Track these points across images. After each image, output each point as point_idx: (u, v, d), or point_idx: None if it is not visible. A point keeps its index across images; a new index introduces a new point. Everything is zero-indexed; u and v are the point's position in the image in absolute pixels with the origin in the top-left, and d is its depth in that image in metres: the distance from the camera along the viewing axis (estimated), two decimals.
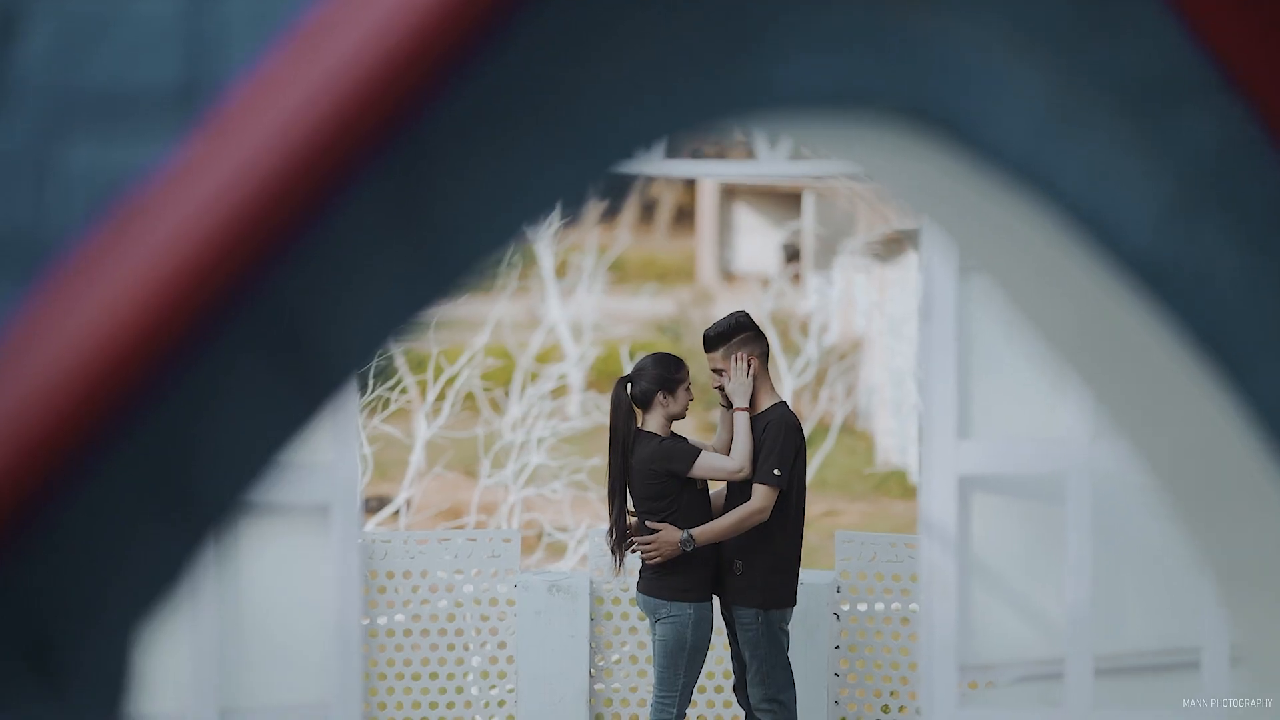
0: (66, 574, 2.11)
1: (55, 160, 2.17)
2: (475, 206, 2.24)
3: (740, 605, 7.97)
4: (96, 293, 1.98)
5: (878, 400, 25.17)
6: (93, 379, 1.95)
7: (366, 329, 2.19)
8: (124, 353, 1.96)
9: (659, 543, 7.91)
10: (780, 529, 7.91)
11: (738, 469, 7.78)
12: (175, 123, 2.18)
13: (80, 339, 1.95)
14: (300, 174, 2.04)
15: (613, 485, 8.05)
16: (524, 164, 2.30)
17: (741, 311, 8.19)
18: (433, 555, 8.90)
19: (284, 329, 2.13)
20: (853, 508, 20.74)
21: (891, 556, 8.84)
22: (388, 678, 8.91)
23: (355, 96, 2.06)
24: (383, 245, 2.16)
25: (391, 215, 2.17)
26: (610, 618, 9.08)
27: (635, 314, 33.15)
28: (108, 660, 2.24)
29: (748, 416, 7.85)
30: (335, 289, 2.15)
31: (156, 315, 1.96)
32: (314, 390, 2.27)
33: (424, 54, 2.11)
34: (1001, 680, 5.28)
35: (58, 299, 2.04)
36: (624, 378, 8.04)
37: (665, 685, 7.97)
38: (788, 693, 8.02)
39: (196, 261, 1.99)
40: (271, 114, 2.06)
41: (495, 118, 2.27)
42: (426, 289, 2.21)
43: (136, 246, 2.02)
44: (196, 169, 2.07)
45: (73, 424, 1.98)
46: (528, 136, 2.30)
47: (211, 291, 2.02)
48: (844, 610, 8.92)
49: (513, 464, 15.22)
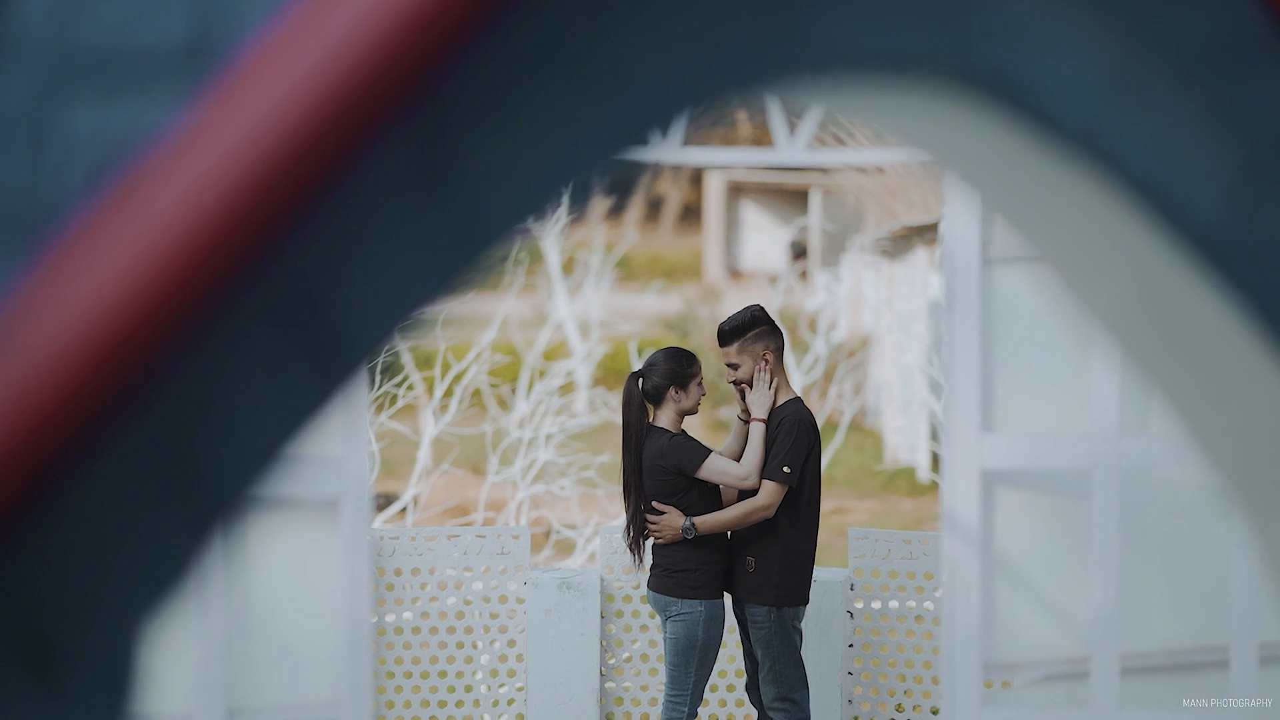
0: (66, 567, 1.98)
1: (54, 122, 2.02)
2: (507, 172, 2.10)
3: (753, 603, 7.93)
4: (98, 264, 1.84)
5: (886, 397, 25.10)
6: (93, 356, 1.81)
7: (389, 304, 2.05)
8: (127, 328, 1.82)
9: (662, 525, 7.90)
10: (793, 526, 7.86)
11: (744, 476, 7.76)
12: (182, 83, 2.04)
13: (80, 313, 1.82)
14: (317, 137, 1.89)
15: (627, 482, 8.02)
16: (559, 127, 2.16)
17: (756, 305, 8.14)
18: (441, 552, 8.86)
19: (300, 304, 2.00)
20: (861, 505, 20.70)
21: (906, 554, 8.82)
22: (396, 676, 8.87)
23: (375, 55, 1.92)
24: (407, 214, 2.02)
25: (416, 182, 2.03)
26: (621, 615, 9.04)
27: (642, 311, 33.16)
28: (110, 660, 2.10)
29: (764, 428, 7.77)
30: (355, 261, 2.01)
31: (162, 288, 1.82)
32: (331, 370, 2.13)
33: (450, 8, 1.97)
34: (1024, 680, 5.20)
35: (56, 270, 1.90)
36: (636, 373, 8.00)
37: (676, 684, 7.92)
38: (801, 691, 7.97)
39: (205, 231, 1.85)
40: (285, 73, 1.92)
41: (529, 78, 2.13)
42: (454, 260, 2.07)
43: (141, 215, 1.88)
44: (205, 132, 1.93)
45: (72, 404, 1.84)
46: (563, 99, 2.16)
47: (221, 263, 1.88)
48: (857, 608, 8.88)
49: (520, 461, 15.14)
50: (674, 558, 7.89)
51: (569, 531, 15.18)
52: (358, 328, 2.08)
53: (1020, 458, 5.08)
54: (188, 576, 2.08)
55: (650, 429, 7.99)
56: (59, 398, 1.83)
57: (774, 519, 7.83)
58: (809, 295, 31.92)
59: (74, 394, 1.83)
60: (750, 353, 7.91)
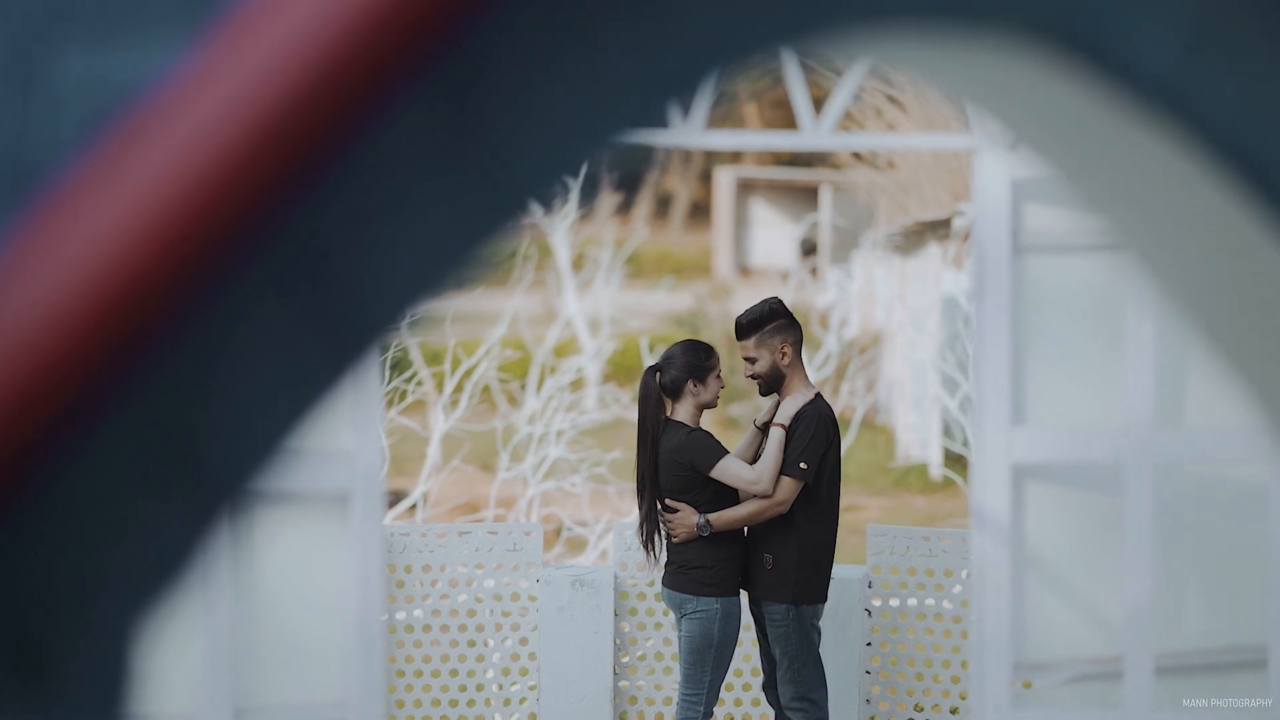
0: (58, 559, 1.81)
1: (43, 70, 1.85)
2: (537, 131, 1.93)
3: (770, 601, 7.84)
4: (89, 223, 1.67)
5: (898, 394, 25.03)
6: (84, 324, 1.64)
7: (408, 271, 1.88)
8: (121, 294, 1.64)
9: (675, 523, 7.84)
10: (810, 522, 7.79)
11: (755, 481, 7.69)
12: (183, 26, 1.86)
13: (71, 276, 1.64)
14: (330, 86, 1.71)
15: (642, 477, 7.96)
16: (594, 84, 1.99)
17: (774, 298, 8.05)
18: (452, 549, 8.79)
19: (311, 271, 1.83)
20: (874, 503, 20.67)
21: (925, 550, 8.76)
22: (406, 674, 8.79)
23: None
24: (427, 172, 1.85)
25: (438, 137, 1.86)
26: (635, 613, 8.95)
27: (652, 308, 33.13)
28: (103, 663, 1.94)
29: (783, 434, 7.67)
30: (371, 224, 1.84)
31: (159, 250, 1.65)
32: (344, 345, 1.95)
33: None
34: (1055, 680, 5.10)
35: (44, 230, 1.72)
36: (653, 366, 7.92)
37: (692, 683, 7.84)
38: (819, 691, 7.90)
39: (207, 188, 1.67)
40: (295, 15, 1.74)
41: (565, 30, 1.96)
42: (478, 224, 1.90)
43: (136, 170, 1.70)
44: (206, 81, 1.75)
45: (61, 377, 1.66)
46: (600, 54, 2.00)
47: (224, 224, 1.70)
48: (876, 606, 8.81)
49: (531, 457, 15.03)
50: (690, 554, 7.80)
51: (580, 529, 15.08)
52: (373, 297, 1.91)
53: (1051, 451, 5.01)
54: (188, 568, 1.91)
55: (667, 423, 7.92)
56: (47, 369, 1.65)
57: (792, 515, 7.76)
58: (820, 292, 31.84)
59: (63, 365, 1.66)
60: (768, 346, 7.84)
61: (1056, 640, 5.10)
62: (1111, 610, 5.07)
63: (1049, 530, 5.09)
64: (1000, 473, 4.97)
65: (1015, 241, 4.99)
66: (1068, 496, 5.11)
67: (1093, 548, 5.15)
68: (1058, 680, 5.11)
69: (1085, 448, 5.02)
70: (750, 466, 7.71)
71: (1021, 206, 4.97)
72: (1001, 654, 4.99)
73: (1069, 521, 5.14)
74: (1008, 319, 4.96)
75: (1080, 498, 5.12)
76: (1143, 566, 4.96)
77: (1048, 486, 5.06)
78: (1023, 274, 5.00)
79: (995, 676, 4.99)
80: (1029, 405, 5.02)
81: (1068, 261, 5.02)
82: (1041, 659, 5.09)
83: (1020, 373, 5.00)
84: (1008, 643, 4.99)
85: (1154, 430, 4.95)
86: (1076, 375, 5.09)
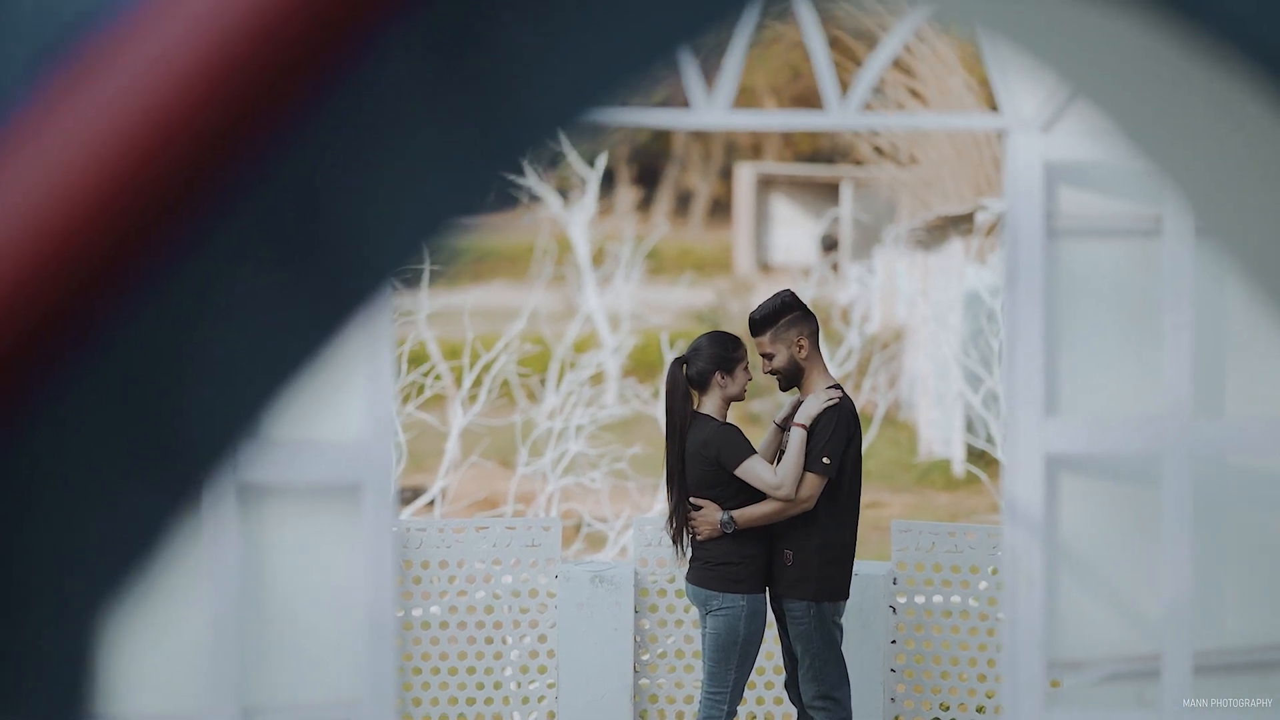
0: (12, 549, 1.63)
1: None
2: (549, 63, 1.75)
3: (791, 598, 7.76)
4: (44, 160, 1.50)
5: (920, 390, 24.93)
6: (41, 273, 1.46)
7: (403, 221, 1.71)
8: (80, 241, 1.47)
9: (700, 520, 7.75)
10: (832, 517, 7.72)
11: (776, 485, 7.62)
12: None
13: (23, 221, 1.47)
14: (313, 9, 1.54)
15: (671, 471, 7.87)
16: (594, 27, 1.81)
17: (787, 290, 7.94)
18: (470, 545, 8.73)
19: (294, 219, 1.65)
20: (896, 499, 20.59)
21: (950, 546, 8.71)
22: (423, 672, 8.72)
23: None
24: (427, 110, 1.68)
25: (433, 81, 1.69)
26: (655, 610, 8.88)
27: (672, 304, 33.12)
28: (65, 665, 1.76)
29: (804, 435, 7.56)
30: (363, 166, 1.67)
31: (122, 193, 1.48)
32: (333, 302, 1.78)
33: None
34: (1089, 679, 5.01)
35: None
36: (679, 358, 7.83)
37: (716, 680, 7.76)
38: (842, 689, 7.81)
39: (172, 124, 1.50)
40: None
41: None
42: (481, 168, 1.72)
43: (95, 104, 1.54)
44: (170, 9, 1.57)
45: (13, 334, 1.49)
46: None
47: (193, 165, 1.53)
48: (900, 603, 8.74)
49: (550, 453, 14.93)
50: (715, 551, 7.72)
51: (600, 525, 14.98)
52: (365, 251, 1.73)
53: (1086, 442, 4.93)
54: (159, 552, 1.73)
55: (695, 416, 7.82)
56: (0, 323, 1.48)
57: (813, 511, 7.70)
58: (841, 287, 31.75)
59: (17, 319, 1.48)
60: (784, 340, 7.74)
61: (1090, 638, 5.02)
62: (1148, 606, 4.99)
63: (1083, 523, 5.00)
64: (1033, 464, 4.88)
65: (1048, 225, 4.91)
66: (1102, 488, 5.03)
67: (1128, 541, 5.05)
68: (1091, 679, 5.02)
69: (1121, 438, 4.93)
70: (774, 469, 7.60)
71: (1055, 190, 4.89)
72: (1034, 652, 4.91)
73: (1103, 514, 5.04)
74: (1041, 305, 4.87)
75: (1115, 490, 5.04)
76: (1180, 561, 4.87)
77: (1081, 478, 4.97)
78: (1056, 259, 4.91)
79: (1027, 675, 4.91)
80: (1062, 394, 4.94)
81: (1102, 246, 4.95)
82: (1075, 657, 5.01)
83: (1053, 361, 4.92)
84: (1040, 640, 4.90)
85: (1192, 419, 4.87)
86: (1111, 363, 5.00)
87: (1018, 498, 4.87)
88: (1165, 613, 4.89)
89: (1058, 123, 4.83)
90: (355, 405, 4.48)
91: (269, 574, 4.51)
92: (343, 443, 4.50)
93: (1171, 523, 4.87)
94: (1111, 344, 4.98)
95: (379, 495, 4.49)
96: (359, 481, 4.49)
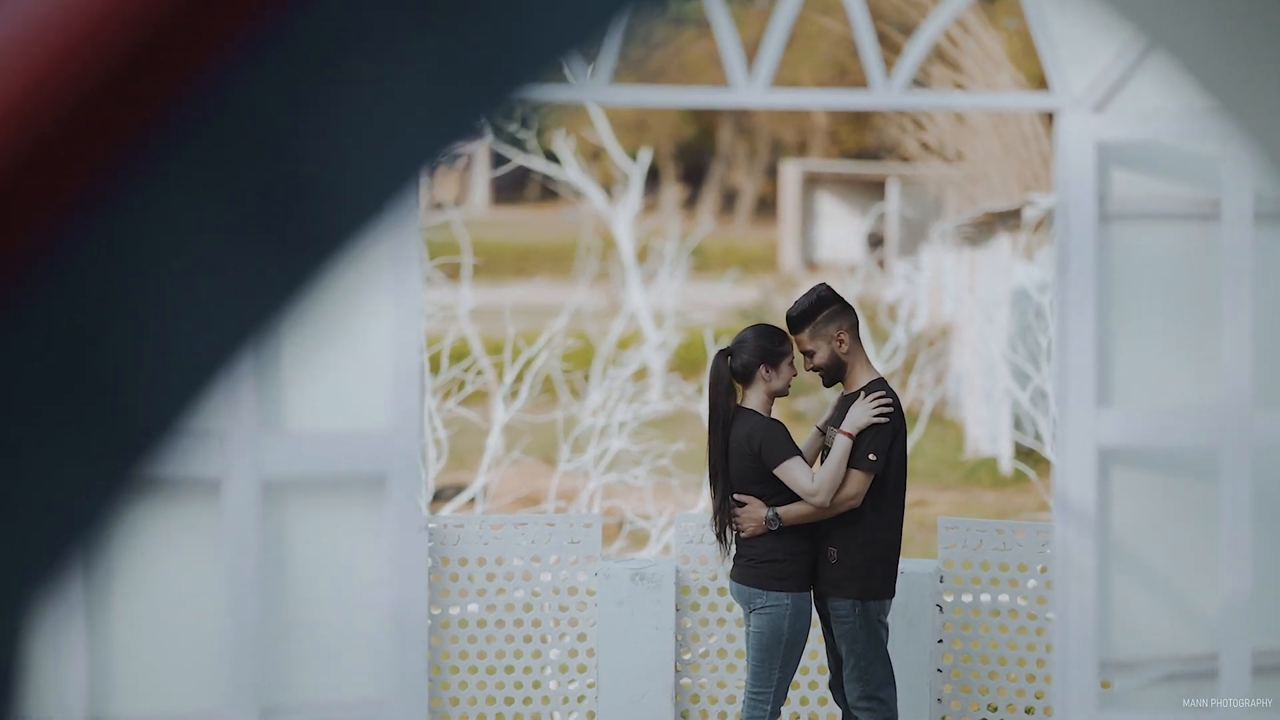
0: None
1: None
2: None
3: (835, 596, 7.64)
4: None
5: (967, 388, 24.82)
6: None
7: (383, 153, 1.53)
8: None
9: (744, 516, 7.63)
10: (876, 514, 7.61)
11: (813, 492, 7.50)
12: None
13: None
14: None
15: (714, 467, 7.75)
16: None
17: (822, 285, 7.82)
18: (508, 542, 8.61)
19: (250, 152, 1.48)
20: (943, 498, 20.50)
21: (998, 544, 8.63)
22: (460, 671, 8.64)
23: None
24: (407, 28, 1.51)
25: None
26: (698, 608, 8.78)
27: (717, 301, 33.09)
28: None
29: (849, 443, 7.43)
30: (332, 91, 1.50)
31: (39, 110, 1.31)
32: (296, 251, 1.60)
33: None
34: (1143, 680, 4.91)
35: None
36: (723, 350, 7.70)
37: (760, 680, 7.65)
38: (887, 690, 7.70)
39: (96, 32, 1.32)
40: None
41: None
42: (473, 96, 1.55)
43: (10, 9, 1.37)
44: None
45: None
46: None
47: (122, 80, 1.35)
48: (947, 601, 8.62)
49: (593, 449, 14.85)
50: (760, 548, 7.62)
51: (643, 522, 14.89)
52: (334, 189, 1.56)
53: (1140, 434, 4.85)
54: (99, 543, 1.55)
55: (739, 410, 7.68)
56: None
57: (858, 507, 7.50)
58: (887, 284, 31.65)
59: None
60: (824, 336, 7.63)
61: (1145, 637, 4.94)
62: (1204, 604, 4.91)
63: (1136, 518, 4.92)
64: (1085, 457, 4.78)
65: (1101, 209, 4.81)
66: (1157, 482, 4.94)
67: (1184, 537, 4.97)
68: (1145, 680, 4.92)
69: (1177, 430, 4.85)
70: (812, 474, 7.47)
71: (1107, 172, 4.77)
72: (1086, 652, 4.81)
73: (1158, 509, 4.96)
74: (1093, 292, 4.78)
75: (1171, 483, 4.95)
76: (1239, 557, 4.78)
77: (1136, 471, 4.89)
78: (1109, 244, 4.81)
79: (1079, 676, 4.82)
80: (1115, 384, 4.85)
81: (1158, 230, 4.85)
82: (1128, 657, 4.92)
83: (1106, 349, 4.82)
84: (1093, 640, 4.81)
85: (1251, 411, 4.78)
86: (1167, 351, 4.90)
87: (1069, 492, 4.79)
88: (1222, 611, 4.80)
89: (1111, 101, 4.71)
90: (380, 394, 4.37)
91: (290, 569, 4.41)
92: (367, 433, 4.39)
93: (1230, 517, 4.77)
94: (1167, 332, 4.88)
95: (405, 487, 4.37)
96: (384, 473, 4.38)
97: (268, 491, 4.31)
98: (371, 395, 4.37)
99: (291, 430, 4.34)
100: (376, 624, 4.42)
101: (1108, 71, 4.67)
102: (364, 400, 4.38)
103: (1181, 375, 4.89)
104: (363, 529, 4.41)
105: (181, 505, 4.25)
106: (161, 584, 4.29)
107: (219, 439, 4.21)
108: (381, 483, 4.39)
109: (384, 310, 4.35)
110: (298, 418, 4.34)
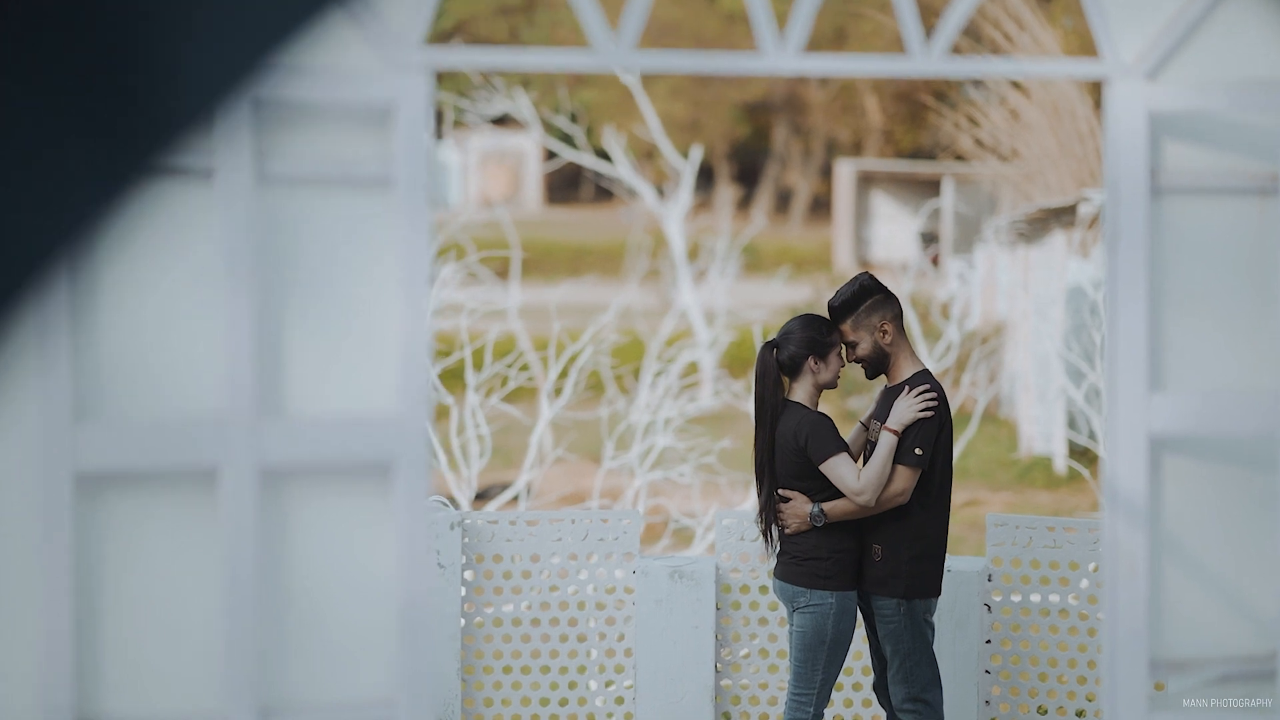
0: None
1: None
2: None
3: (880, 595, 7.52)
4: None
5: (1021, 386, 24.64)
6: None
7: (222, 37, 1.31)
8: None
9: (788, 512, 7.49)
10: (923, 510, 7.49)
11: (858, 491, 7.36)
12: None
13: None
14: None
15: (760, 461, 7.58)
16: None
17: (865, 274, 7.63)
18: (544, 539, 8.46)
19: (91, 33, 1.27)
20: (996, 498, 20.33)
21: (1049, 542, 8.55)
22: (494, 671, 8.55)
23: None
24: None
25: None
26: (738, 607, 8.66)
27: (769, 300, 33.04)
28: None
29: (895, 440, 7.24)
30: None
31: None
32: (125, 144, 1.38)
33: None
34: (1197, 680, 4.74)
35: None
36: (770, 342, 7.50)
37: (802, 681, 7.52)
38: (933, 691, 7.57)
39: None
40: None
41: None
42: None
43: None
44: None
45: None
46: None
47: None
48: (996, 601, 8.50)
49: (638, 446, 14.69)
50: (804, 545, 7.49)
51: (689, 521, 14.73)
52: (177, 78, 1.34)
53: (1194, 420, 4.69)
54: None
55: (786, 404, 7.52)
56: None
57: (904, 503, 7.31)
58: (940, 282, 31.49)
59: None
60: (867, 327, 7.47)
61: (1199, 635, 4.77)
62: (1262, 601, 4.74)
63: (1190, 510, 4.75)
64: (1136, 445, 4.61)
65: (1153, 183, 4.62)
66: (1211, 471, 4.77)
67: (1240, 530, 4.78)
68: (1199, 680, 4.75)
69: (1233, 416, 4.67)
70: (858, 471, 7.29)
71: (1160, 143, 4.57)
72: (1137, 650, 4.62)
73: (1213, 499, 4.78)
74: (1145, 270, 4.58)
75: (1226, 472, 4.78)
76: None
77: (1189, 460, 4.73)
78: (1161, 219, 4.63)
79: (1128, 674, 4.63)
80: (1168, 368, 4.69)
81: (1213, 205, 4.69)
82: (1181, 656, 4.75)
83: (1158, 331, 4.66)
84: (1144, 637, 4.62)
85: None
86: (1223, 333, 4.72)
87: (1119, 482, 4.61)
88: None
89: (1164, 70, 4.49)
90: (386, 375, 4.18)
91: (291, 562, 4.23)
92: (372, 417, 4.20)
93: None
94: (1223, 312, 4.69)
95: (413, 475, 4.17)
96: (390, 460, 4.19)
97: (267, 480, 4.15)
98: (377, 377, 4.19)
99: (292, 414, 4.16)
100: (384, 620, 4.24)
101: (1161, 38, 4.45)
102: (369, 382, 4.20)
103: (1238, 358, 4.70)
104: (369, 519, 4.23)
105: (175, 495, 4.08)
106: (153, 579, 4.12)
107: (215, 424, 4.03)
108: (388, 470, 4.21)
109: (389, 286, 4.16)
110: (299, 401, 4.17)
